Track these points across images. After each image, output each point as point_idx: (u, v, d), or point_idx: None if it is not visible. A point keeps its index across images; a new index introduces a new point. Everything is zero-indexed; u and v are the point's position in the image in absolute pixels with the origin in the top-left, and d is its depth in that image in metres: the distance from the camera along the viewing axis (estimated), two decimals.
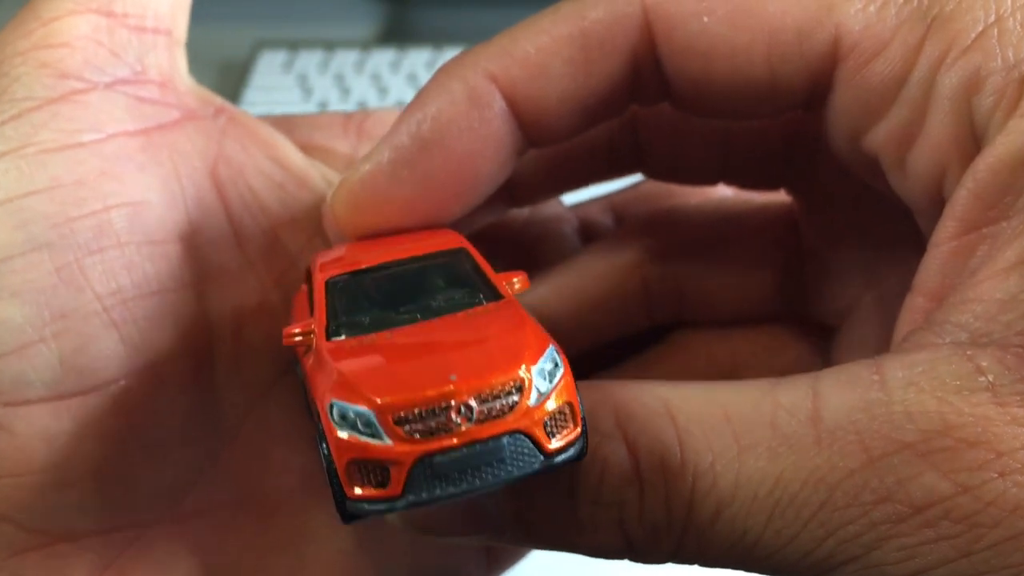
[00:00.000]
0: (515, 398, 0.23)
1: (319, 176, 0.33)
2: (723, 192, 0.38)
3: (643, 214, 0.37)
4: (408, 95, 0.90)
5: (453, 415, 0.23)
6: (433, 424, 0.23)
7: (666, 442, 0.25)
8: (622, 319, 0.35)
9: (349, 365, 0.24)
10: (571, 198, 0.39)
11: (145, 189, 0.29)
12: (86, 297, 0.27)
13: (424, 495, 0.23)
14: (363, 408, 0.23)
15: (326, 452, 0.24)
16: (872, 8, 0.26)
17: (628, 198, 0.39)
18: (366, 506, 0.23)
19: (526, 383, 0.23)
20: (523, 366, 0.23)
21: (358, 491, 0.23)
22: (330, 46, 0.97)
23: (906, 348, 0.25)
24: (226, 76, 0.95)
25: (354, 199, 0.29)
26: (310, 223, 0.33)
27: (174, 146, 0.30)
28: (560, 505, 0.26)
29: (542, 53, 0.28)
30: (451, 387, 0.23)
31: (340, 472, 0.23)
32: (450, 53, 1.00)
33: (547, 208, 0.38)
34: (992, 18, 0.25)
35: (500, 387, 0.23)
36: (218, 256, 0.31)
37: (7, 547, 0.27)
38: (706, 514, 0.24)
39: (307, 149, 0.34)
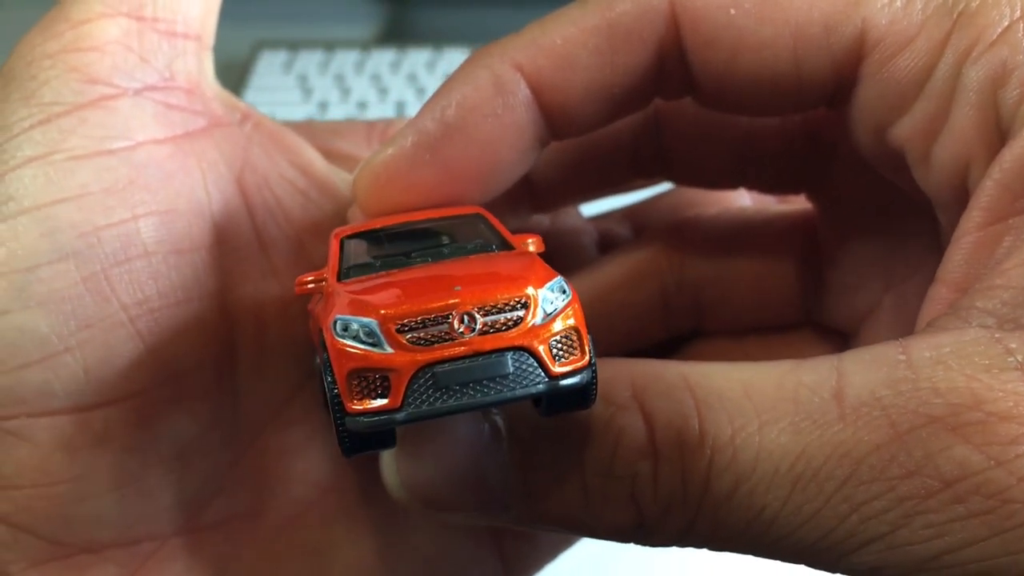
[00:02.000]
0: (520, 313, 0.23)
1: (342, 183, 0.33)
2: (742, 201, 0.38)
3: (661, 224, 0.37)
4: (408, 95, 0.90)
5: (456, 323, 0.22)
6: (436, 333, 0.23)
7: (684, 414, 0.24)
8: (639, 328, 0.35)
9: (356, 290, 0.24)
10: (590, 210, 0.39)
11: (173, 197, 0.29)
12: (112, 307, 0.27)
13: (425, 407, 0.22)
14: (366, 319, 0.23)
15: (329, 379, 0.23)
16: (898, 3, 0.27)
17: (646, 209, 0.39)
18: (364, 420, 0.23)
19: (531, 301, 0.23)
20: (529, 287, 0.23)
21: (357, 405, 0.23)
22: (330, 46, 0.97)
23: (931, 331, 0.24)
24: (226, 76, 0.94)
25: (376, 181, 0.28)
26: (333, 230, 0.33)
27: (202, 154, 0.30)
28: (570, 477, 0.25)
29: (569, 44, 0.28)
30: (455, 298, 0.23)
31: (340, 384, 0.23)
32: (450, 53, 1.01)
33: (567, 219, 0.38)
34: (1018, 13, 0.25)
35: (504, 301, 0.23)
36: (242, 264, 0.30)
37: (28, 557, 0.27)
38: (723, 489, 0.24)
39: (330, 156, 0.34)
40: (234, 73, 0.94)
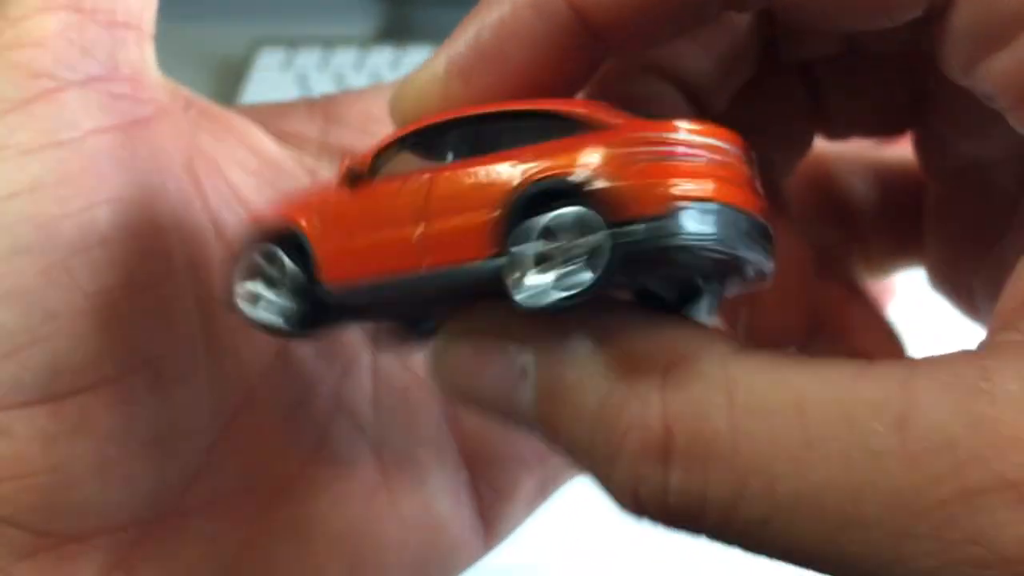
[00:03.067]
0: None
1: (294, 162, 0.33)
2: None
3: None
4: None
5: None
6: None
7: (718, 426, 0.21)
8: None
9: None
10: None
11: (126, 185, 0.29)
12: (75, 296, 0.27)
13: None
14: None
15: None
16: None
17: None
18: None
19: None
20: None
21: None
22: (329, 44, 0.97)
23: (1017, 344, 0.21)
24: (225, 74, 0.94)
25: (410, 107, 0.27)
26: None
27: (151, 141, 0.30)
28: (582, 440, 0.23)
29: None
30: None
31: None
32: None
33: None
34: None
35: None
36: (201, 249, 0.30)
37: (15, 551, 0.27)
38: (754, 518, 0.21)
39: (278, 136, 0.34)
40: (232, 71, 0.93)
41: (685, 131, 0.22)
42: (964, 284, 0.33)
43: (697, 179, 0.21)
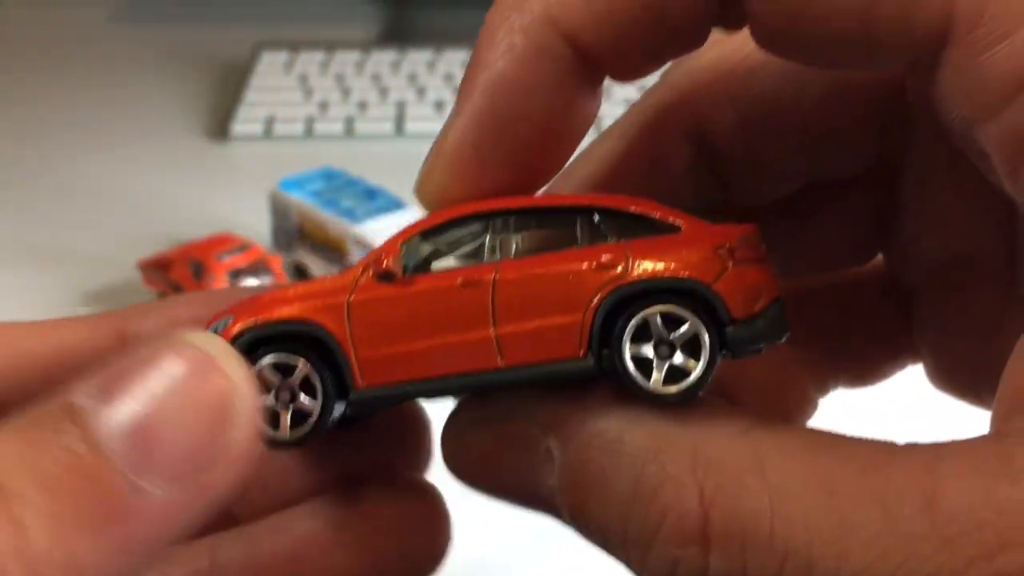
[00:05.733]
0: None
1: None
2: None
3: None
4: (409, 95, 0.90)
5: None
6: None
7: (754, 507, 0.21)
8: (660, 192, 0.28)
9: None
10: None
11: None
12: None
13: None
14: None
15: None
16: None
17: None
18: None
19: None
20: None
21: None
22: (330, 47, 0.97)
23: None
24: (227, 77, 0.95)
25: (434, 192, 0.26)
26: None
27: None
28: (613, 524, 0.23)
29: None
30: None
31: None
32: (450, 54, 1.01)
33: None
34: None
35: None
36: None
37: None
38: None
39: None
40: (235, 74, 0.94)
41: (746, 235, 0.25)
42: (967, 380, 0.32)
43: (762, 283, 0.24)
